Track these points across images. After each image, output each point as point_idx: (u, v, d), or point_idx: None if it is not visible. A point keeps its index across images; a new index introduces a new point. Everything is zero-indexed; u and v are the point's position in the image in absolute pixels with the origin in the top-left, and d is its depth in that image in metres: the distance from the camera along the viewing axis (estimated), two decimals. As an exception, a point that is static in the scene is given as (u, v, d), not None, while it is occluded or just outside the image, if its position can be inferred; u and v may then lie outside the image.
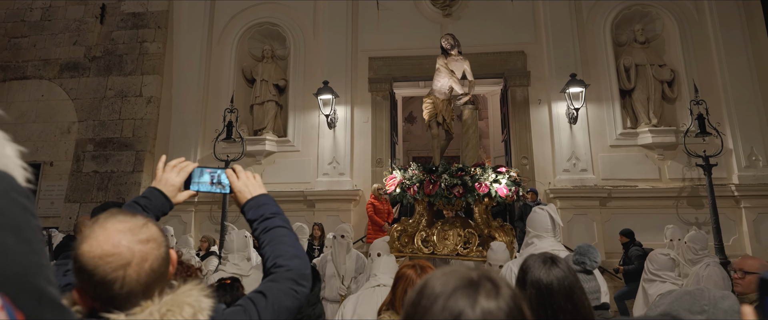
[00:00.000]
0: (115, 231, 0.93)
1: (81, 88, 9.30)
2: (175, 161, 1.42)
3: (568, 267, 1.59)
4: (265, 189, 1.40)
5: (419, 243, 5.18)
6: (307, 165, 8.56)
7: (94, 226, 0.95)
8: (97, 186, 8.70)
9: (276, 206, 1.37)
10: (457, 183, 5.03)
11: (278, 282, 1.18)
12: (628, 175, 8.01)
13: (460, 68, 5.97)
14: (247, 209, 1.35)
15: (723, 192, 7.46)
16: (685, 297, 1.35)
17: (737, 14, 8.32)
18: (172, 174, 1.39)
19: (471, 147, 5.89)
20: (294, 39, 9.24)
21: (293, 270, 1.21)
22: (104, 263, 0.90)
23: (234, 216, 8.24)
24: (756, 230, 7.49)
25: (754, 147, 7.78)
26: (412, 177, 5.28)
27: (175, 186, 1.38)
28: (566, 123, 8.24)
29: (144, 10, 9.58)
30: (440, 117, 5.90)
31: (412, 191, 5.20)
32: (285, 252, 1.24)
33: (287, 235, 1.30)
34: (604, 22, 8.64)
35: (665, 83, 8.30)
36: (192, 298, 1.00)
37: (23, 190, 0.72)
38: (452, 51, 5.99)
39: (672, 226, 5.49)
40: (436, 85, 5.90)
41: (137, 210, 1.30)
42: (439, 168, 5.26)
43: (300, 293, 1.19)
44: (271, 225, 1.30)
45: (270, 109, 8.92)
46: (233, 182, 1.38)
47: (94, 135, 9.00)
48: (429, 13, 8.99)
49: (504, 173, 5.17)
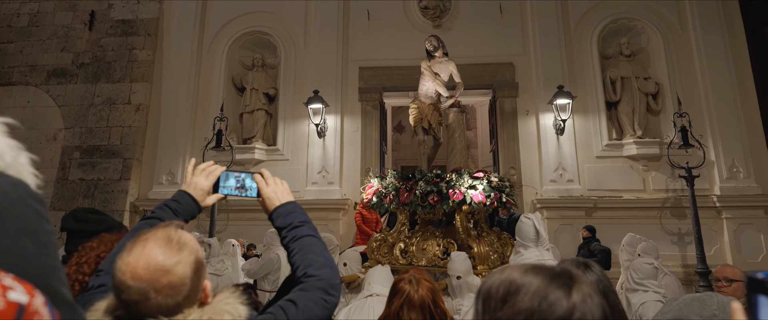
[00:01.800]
0: (151, 252, 0.98)
1: (68, 94, 9.22)
2: (204, 165, 1.43)
3: (601, 270, 1.56)
4: (293, 197, 1.42)
5: (397, 253, 4.97)
6: (296, 174, 8.56)
7: (136, 244, 1.00)
8: (83, 194, 8.61)
9: (304, 214, 1.39)
10: (431, 190, 4.79)
11: (308, 292, 1.19)
12: (613, 186, 8.14)
13: (446, 70, 5.71)
14: (276, 216, 1.37)
15: (705, 203, 7.61)
16: (694, 303, 1.38)
17: (719, 30, 8.54)
18: (200, 178, 1.40)
19: (457, 152, 5.63)
20: (285, 48, 9.27)
21: (324, 280, 1.22)
22: (134, 286, 0.96)
23: (222, 225, 8.22)
24: (736, 240, 7.64)
25: (735, 159, 7.96)
26: (388, 185, 5.06)
27: (203, 190, 1.39)
28: (553, 134, 8.36)
29: (134, 17, 9.55)
30: (426, 122, 5.66)
31: (388, 200, 4.99)
32: (315, 261, 1.26)
33: (316, 244, 1.32)
34: (591, 35, 8.81)
35: (650, 96, 8.47)
36: (230, 306, 1.05)
37: (37, 196, 0.76)
38: (436, 53, 5.76)
39: (630, 235, 5.30)
40: (421, 89, 5.68)
41: (167, 213, 1.33)
42: (415, 175, 5.02)
43: (330, 303, 1.20)
44: (301, 234, 1.32)
45: (260, 118, 8.92)
46: (262, 188, 1.40)
47: (81, 142, 8.92)
48: (419, 24, 9.09)
49: (481, 178, 4.87)
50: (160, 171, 8.76)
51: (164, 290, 0.96)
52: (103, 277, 1.21)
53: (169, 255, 0.98)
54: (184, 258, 1.00)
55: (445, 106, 5.67)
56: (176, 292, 0.98)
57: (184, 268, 0.99)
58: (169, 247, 0.99)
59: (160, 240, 1.00)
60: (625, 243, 5.17)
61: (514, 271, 0.78)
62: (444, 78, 5.70)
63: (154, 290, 0.95)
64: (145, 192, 8.76)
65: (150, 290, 0.95)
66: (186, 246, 1.01)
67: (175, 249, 1.00)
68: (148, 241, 0.99)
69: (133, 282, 0.95)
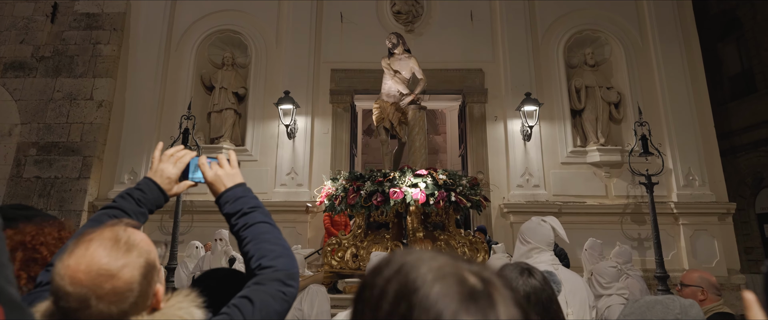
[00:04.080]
0: (94, 255, 0.88)
1: (26, 88, 8.84)
2: (172, 150, 1.33)
3: (544, 278, 1.51)
4: (242, 179, 1.31)
5: (349, 258, 4.81)
6: (264, 175, 8.44)
7: (79, 245, 0.90)
8: (38, 193, 8.23)
9: (255, 199, 1.27)
10: (376, 190, 4.60)
11: (264, 285, 1.09)
12: (577, 192, 8.35)
13: (407, 67, 5.56)
14: (223, 202, 1.25)
15: (663, 209, 7.87)
16: (657, 306, 1.40)
17: (677, 44, 8.93)
18: (168, 165, 1.29)
19: (415, 150, 5.42)
20: (256, 47, 9.16)
21: (280, 270, 1.12)
22: (73, 292, 0.86)
23: (186, 227, 8.00)
24: (693, 246, 7.95)
25: (691, 167, 8.30)
26: (338, 187, 4.88)
27: (170, 178, 1.29)
28: (521, 140, 8.53)
29: (99, 11, 9.26)
30: (387, 122, 5.53)
31: (338, 201, 4.82)
32: (270, 250, 1.15)
33: (270, 231, 1.21)
34: (557, 44, 9.06)
35: (612, 105, 8.76)
36: (183, 310, 0.97)
37: None
38: (396, 50, 5.65)
39: (591, 240, 5.49)
40: (383, 88, 5.59)
41: (129, 203, 1.24)
42: (364, 175, 4.87)
43: (288, 294, 1.10)
44: (252, 221, 1.21)
45: (228, 117, 8.77)
46: (205, 172, 1.29)
47: (38, 138, 8.55)
48: (392, 28, 9.05)
49: (424, 176, 4.62)
50: (122, 170, 8.48)
51: (107, 297, 0.86)
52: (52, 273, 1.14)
53: (114, 258, 0.88)
54: (132, 261, 0.90)
55: (403, 103, 5.51)
56: (121, 299, 0.87)
57: (132, 272, 0.89)
58: (115, 249, 0.89)
59: (106, 240, 0.90)
60: (587, 248, 5.33)
61: (419, 267, 0.56)
62: (405, 75, 5.55)
63: (95, 297, 0.85)
64: (105, 191, 8.46)
65: (91, 297, 0.85)
66: (135, 248, 0.92)
67: (123, 250, 0.90)
68: (93, 242, 0.89)
69: (72, 288, 0.85)
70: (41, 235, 1.57)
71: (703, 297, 2.85)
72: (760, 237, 10.09)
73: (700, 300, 2.85)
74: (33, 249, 1.51)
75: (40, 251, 1.50)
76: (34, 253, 1.52)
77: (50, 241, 1.54)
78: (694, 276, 3.03)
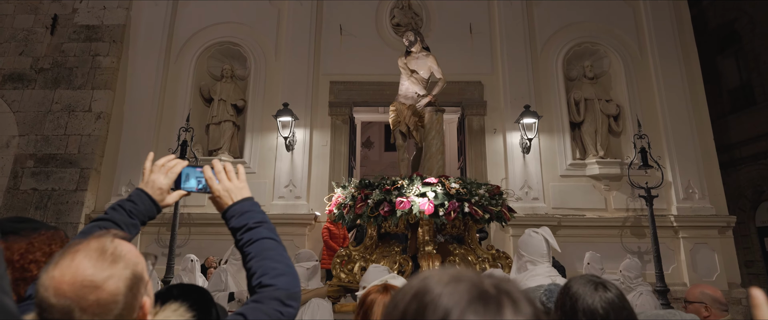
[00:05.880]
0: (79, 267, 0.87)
1: (25, 100, 8.83)
2: (162, 160, 1.32)
3: (620, 292, 1.38)
4: (250, 192, 1.28)
5: (357, 271, 4.57)
6: (262, 188, 8.40)
7: (64, 256, 0.89)
8: (35, 205, 8.19)
9: (261, 213, 1.25)
10: (383, 199, 4.31)
11: (263, 303, 1.08)
12: (576, 205, 8.31)
13: (425, 66, 5.22)
14: (229, 216, 1.23)
15: (663, 222, 7.84)
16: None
17: (676, 58, 8.95)
18: (159, 176, 1.29)
19: (431, 156, 5.09)
20: (255, 60, 9.18)
21: (281, 290, 1.10)
22: (57, 304, 0.85)
23: (183, 239, 7.93)
24: (693, 259, 7.89)
25: (691, 180, 8.27)
26: (348, 196, 4.62)
27: (162, 188, 1.28)
28: (520, 152, 8.51)
29: (99, 23, 9.29)
30: (403, 126, 5.16)
31: (347, 210, 4.58)
32: (271, 268, 1.13)
33: (274, 248, 1.18)
34: (556, 57, 9.09)
35: (612, 117, 8.76)
36: None
37: None
38: (413, 48, 5.34)
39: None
40: (400, 89, 5.24)
41: (121, 214, 1.22)
42: (373, 182, 4.58)
43: (286, 315, 1.08)
44: (257, 236, 1.19)
45: (227, 129, 8.75)
46: (212, 184, 1.26)
47: (36, 150, 8.52)
48: (391, 41, 9.17)
49: (433, 185, 4.27)
50: (120, 183, 8.44)
51: (91, 309, 0.85)
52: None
53: (100, 269, 0.87)
54: (118, 273, 0.89)
55: (419, 105, 5.19)
56: (106, 311, 0.86)
57: (117, 284, 0.88)
58: (101, 260, 0.88)
59: (92, 251, 0.89)
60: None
61: (437, 274, 0.60)
62: (423, 75, 5.24)
63: (79, 309, 0.84)
64: (102, 204, 8.41)
65: (75, 309, 0.84)
66: (121, 259, 0.91)
67: (108, 261, 0.89)
68: (78, 253, 0.88)
69: (55, 300, 0.84)
70: (30, 253, 1.53)
71: (707, 313, 2.80)
72: (760, 251, 10.02)
73: (704, 316, 2.80)
74: (22, 268, 1.48)
75: (31, 269, 1.46)
76: (24, 273, 1.49)
77: (40, 258, 1.50)
78: (696, 293, 2.96)
